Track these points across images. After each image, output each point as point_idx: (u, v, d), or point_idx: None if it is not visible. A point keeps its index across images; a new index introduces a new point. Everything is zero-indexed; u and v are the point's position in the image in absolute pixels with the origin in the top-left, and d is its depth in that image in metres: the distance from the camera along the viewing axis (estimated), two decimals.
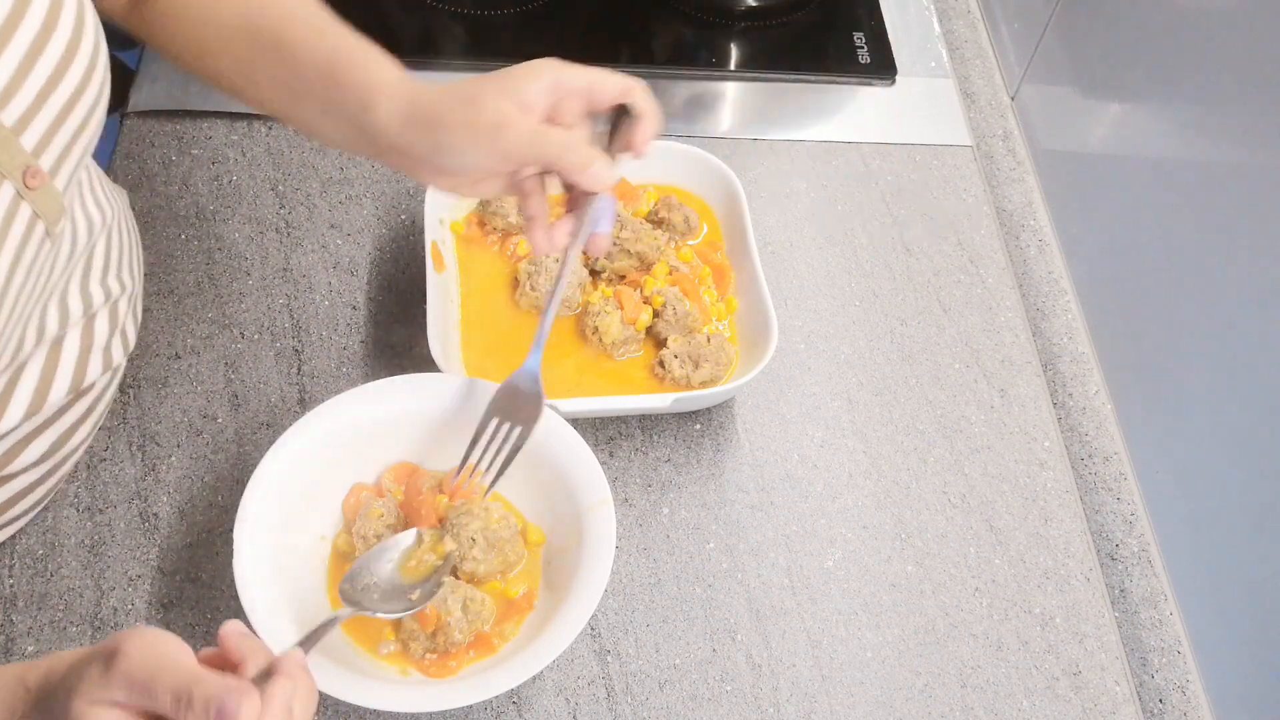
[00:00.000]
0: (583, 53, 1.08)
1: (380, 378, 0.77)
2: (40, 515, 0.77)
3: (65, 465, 0.74)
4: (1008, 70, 1.12)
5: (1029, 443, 0.87)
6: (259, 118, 1.00)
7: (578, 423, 0.77)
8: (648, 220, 0.90)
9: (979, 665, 0.76)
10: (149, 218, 0.93)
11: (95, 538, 0.77)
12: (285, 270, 0.91)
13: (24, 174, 0.56)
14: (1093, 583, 0.81)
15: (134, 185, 0.95)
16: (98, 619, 0.73)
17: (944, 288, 0.95)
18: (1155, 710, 0.77)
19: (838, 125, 1.06)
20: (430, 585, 0.69)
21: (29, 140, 0.56)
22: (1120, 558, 0.83)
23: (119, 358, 0.72)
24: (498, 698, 0.72)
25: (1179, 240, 0.82)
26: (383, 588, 0.68)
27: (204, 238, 0.93)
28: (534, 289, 0.85)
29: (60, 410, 0.68)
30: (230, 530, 0.69)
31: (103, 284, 0.69)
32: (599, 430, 0.84)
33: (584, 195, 0.70)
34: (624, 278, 0.88)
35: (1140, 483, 0.86)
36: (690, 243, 0.91)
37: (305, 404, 0.84)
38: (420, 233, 0.91)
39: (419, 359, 0.87)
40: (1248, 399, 0.73)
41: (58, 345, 0.66)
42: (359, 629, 0.71)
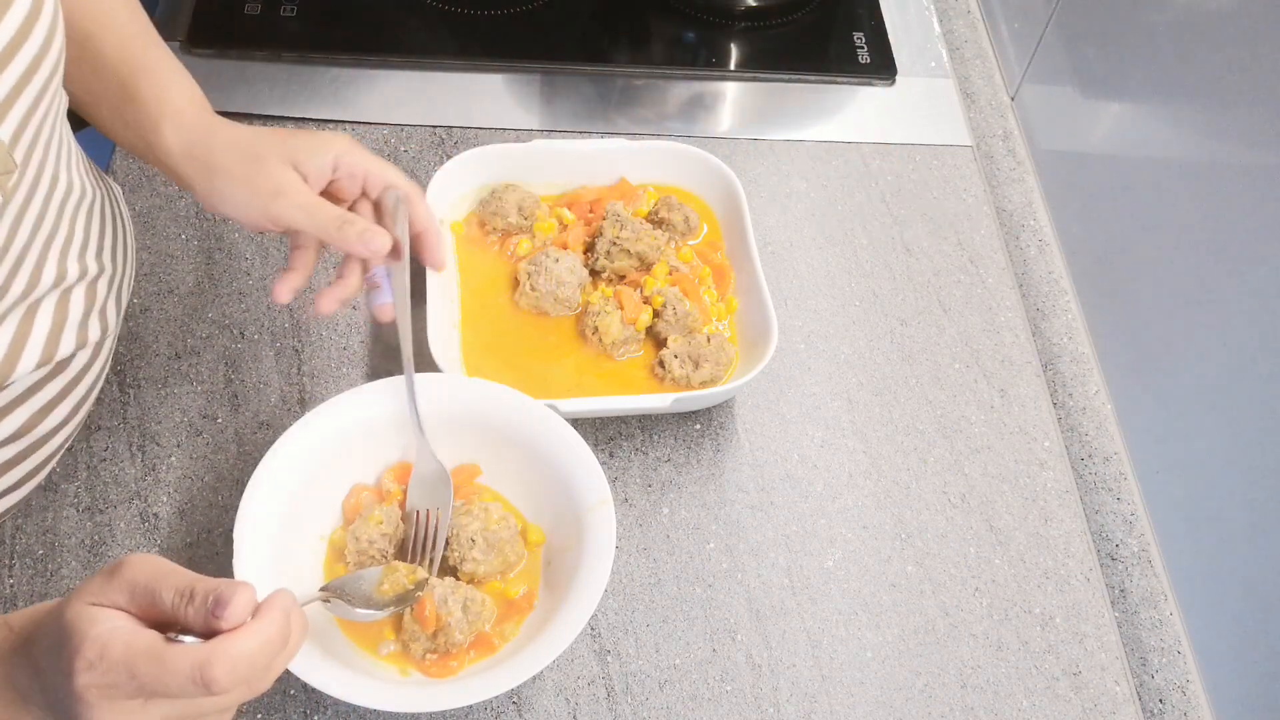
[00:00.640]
0: (583, 53, 1.09)
1: (380, 378, 0.77)
2: (40, 515, 0.77)
3: (43, 449, 0.73)
4: (1008, 70, 1.12)
5: (1029, 443, 0.87)
6: (259, 118, 1.00)
7: (578, 423, 0.78)
8: (648, 220, 0.90)
9: (979, 665, 0.76)
10: (149, 218, 0.93)
11: (95, 538, 0.77)
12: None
13: None
14: (1093, 583, 0.81)
15: (134, 185, 0.95)
16: None
17: (944, 288, 0.95)
18: (1155, 710, 0.77)
19: (838, 125, 1.07)
20: (406, 599, 0.69)
21: None
22: (1120, 558, 0.83)
23: (95, 335, 0.71)
24: (498, 698, 0.72)
25: (1179, 240, 0.82)
26: (356, 603, 0.68)
27: (204, 238, 0.93)
28: (534, 289, 0.85)
29: (32, 388, 0.68)
30: (230, 530, 0.69)
31: (80, 260, 0.69)
32: (599, 430, 0.84)
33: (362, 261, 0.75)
34: (624, 278, 0.88)
35: (1140, 483, 0.86)
36: (690, 243, 0.91)
37: (305, 404, 0.84)
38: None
39: (419, 359, 0.87)
40: (1248, 399, 0.73)
41: (30, 314, 0.66)
42: (359, 630, 0.71)
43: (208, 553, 0.77)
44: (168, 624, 0.49)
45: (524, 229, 0.90)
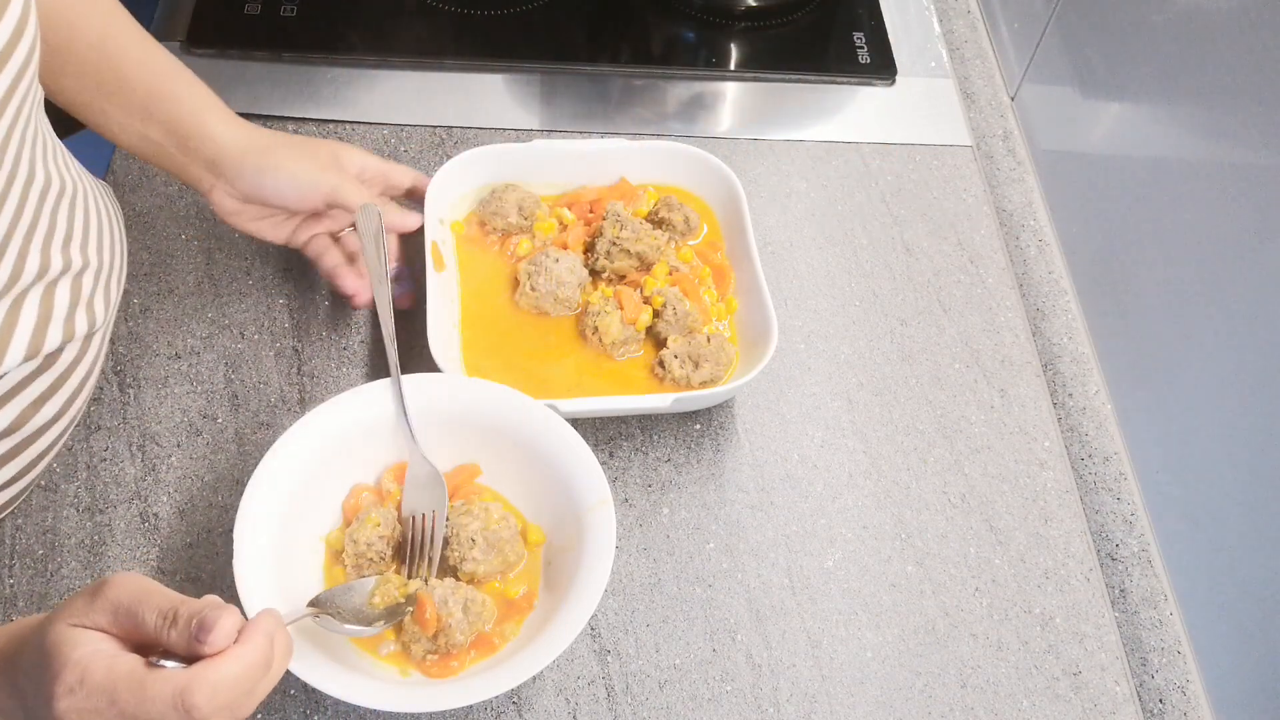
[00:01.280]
0: (583, 53, 1.09)
1: (380, 378, 0.78)
2: (40, 515, 0.77)
3: (36, 444, 0.73)
4: (1008, 70, 1.12)
5: (1029, 443, 0.87)
6: (259, 118, 1.00)
7: (578, 423, 0.78)
8: (648, 220, 0.90)
9: (979, 665, 0.76)
10: (149, 218, 0.93)
11: (95, 538, 0.77)
12: (285, 270, 0.91)
13: None
14: (1093, 583, 0.81)
15: (134, 185, 0.95)
16: None
17: (944, 288, 0.95)
18: (1155, 710, 0.77)
19: (838, 125, 1.07)
20: (396, 612, 0.69)
21: None
22: (1120, 558, 0.83)
23: (82, 329, 0.71)
24: (498, 698, 0.72)
25: (1179, 240, 0.82)
26: (347, 617, 0.68)
27: (204, 238, 0.93)
28: (534, 289, 0.85)
29: (21, 383, 0.68)
30: (230, 530, 0.69)
31: (64, 252, 0.69)
32: (599, 430, 0.84)
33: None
34: (624, 278, 0.88)
35: (1140, 483, 0.86)
36: (690, 243, 0.91)
37: (305, 404, 0.84)
38: (420, 233, 0.91)
39: (419, 359, 0.87)
40: (1248, 399, 0.73)
41: (16, 307, 0.66)
42: None
43: (208, 553, 0.77)
44: (150, 646, 0.49)
45: (524, 229, 0.90)
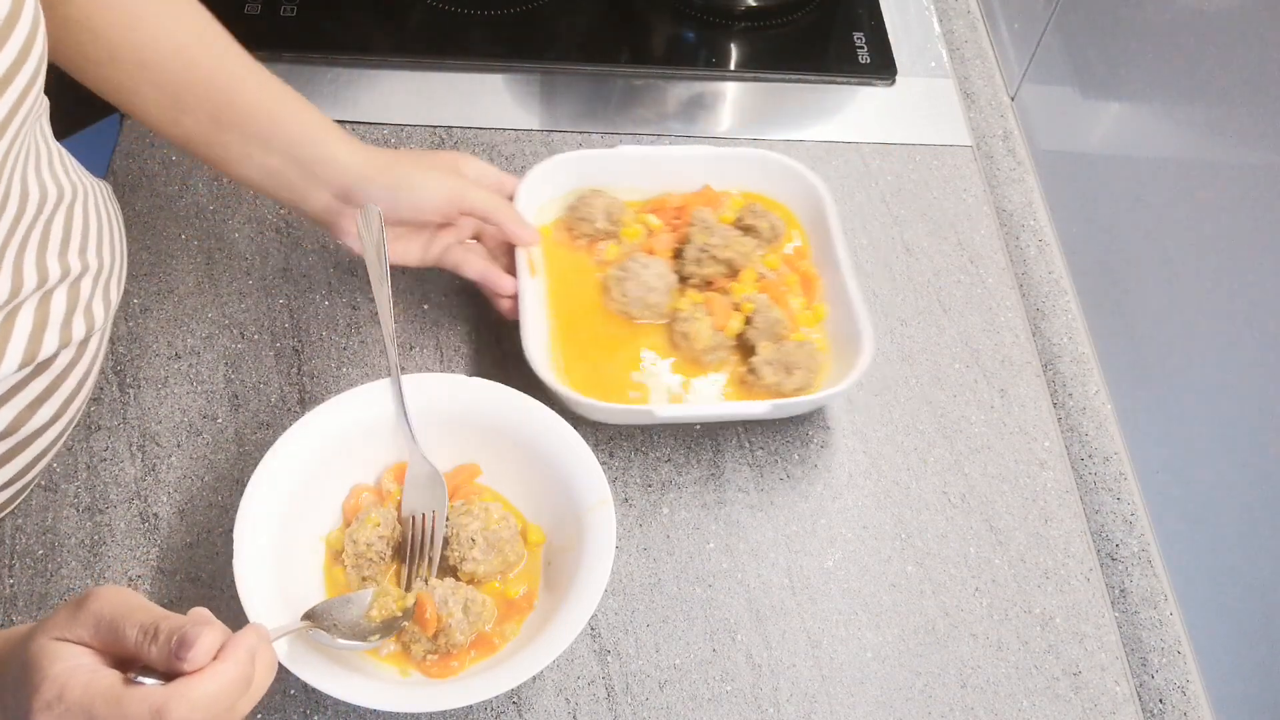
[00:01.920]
0: (583, 53, 1.09)
1: (380, 378, 0.78)
2: (40, 515, 0.77)
3: (33, 446, 0.73)
4: (1008, 70, 1.12)
5: (1029, 443, 0.87)
6: None
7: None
8: (734, 227, 0.90)
9: (979, 665, 0.76)
10: (149, 218, 0.93)
11: (95, 538, 0.77)
12: (285, 270, 0.91)
13: None
14: (1093, 583, 0.81)
15: (134, 185, 0.95)
16: None
17: (944, 288, 0.95)
18: (1155, 710, 0.77)
19: (838, 125, 1.07)
20: (392, 626, 0.69)
21: None
22: (1120, 558, 0.83)
23: (79, 334, 0.71)
24: (498, 698, 0.72)
25: (1179, 240, 0.82)
26: (342, 630, 0.67)
27: (204, 238, 0.93)
28: (623, 295, 0.85)
29: (15, 387, 0.68)
30: (230, 530, 0.69)
31: (61, 259, 0.69)
32: (599, 430, 0.84)
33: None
34: (711, 284, 0.88)
35: (1140, 483, 0.86)
36: (788, 247, 0.91)
37: (305, 404, 0.84)
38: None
39: (419, 359, 0.87)
40: (1248, 399, 0.73)
41: (11, 318, 0.66)
42: None
43: (208, 553, 0.77)
44: (131, 661, 0.48)
45: (611, 234, 0.90)
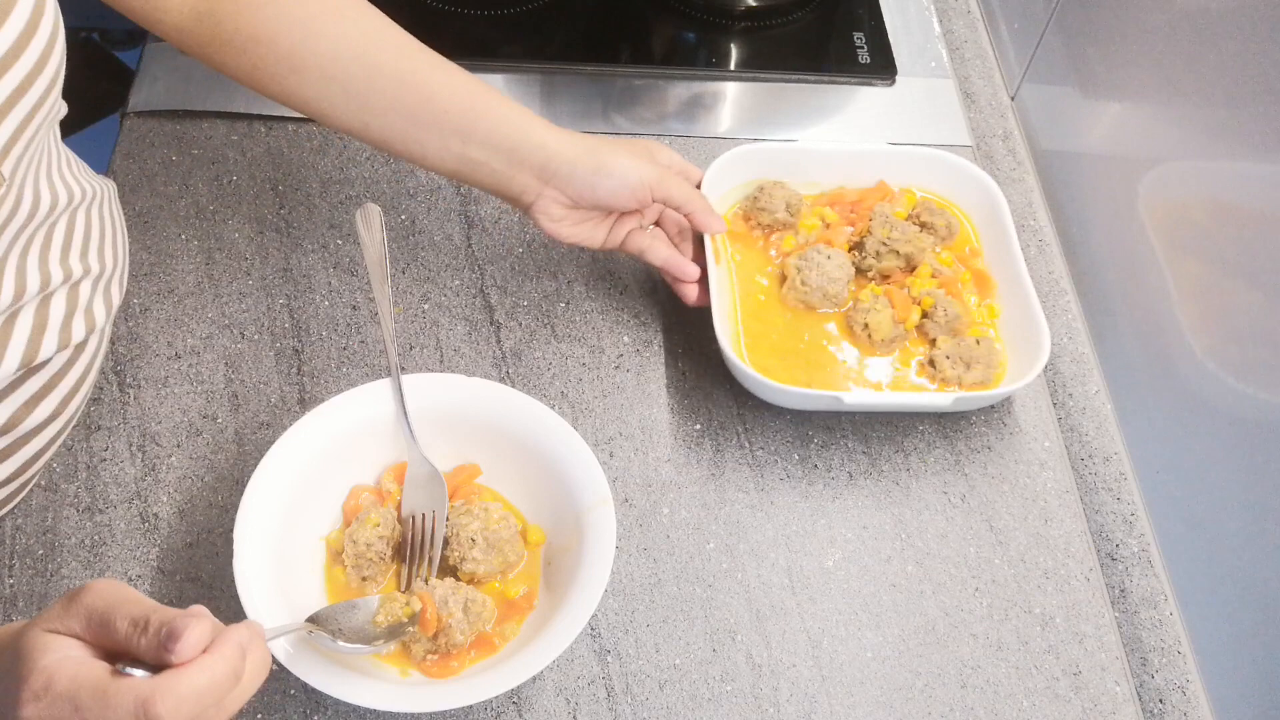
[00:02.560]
0: (583, 53, 1.09)
1: (380, 378, 0.78)
2: (40, 515, 0.77)
3: (31, 444, 0.73)
4: (1008, 70, 1.12)
5: (1029, 443, 0.87)
6: (259, 118, 1.00)
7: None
8: (911, 223, 0.92)
9: (979, 665, 0.76)
10: (149, 218, 0.93)
11: (95, 538, 0.77)
12: (285, 270, 0.91)
13: None
14: (1093, 583, 0.81)
15: (134, 185, 0.95)
16: None
17: None
18: (1155, 710, 0.77)
19: (838, 125, 1.07)
20: (397, 632, 0.68)
21: None
22: (1120, 558, 0.83)
23: (79, 336, 0.71)
24: (498, 698, 0.72)
25: (1179, 240, 0.82)
26: (347, 635, 0.67)
27: (204, 238, 0.93)
28: (804, 284, 0.87)
29: (10, 385, 0.68)
30: (230, 530, 0.69)
31: (63, 264, 0.69)
32: (599, 430, 0.84)
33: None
34: (888, 277, 0.90)
35: (1140, 483, 0.86)
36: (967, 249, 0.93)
37: (305, 404, 0.84)
38: (425, 230, 0.91)
39: (419, 359, 0.87)
40: (1248, 399, 0.73)
41: (10, 321, 0.66)
42: None
43: (208, 553, 0.77)
44: (121, 654, 0.48)
45: (789, 225, 0.92)
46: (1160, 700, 0.77)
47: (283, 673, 0.66)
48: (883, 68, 1.10)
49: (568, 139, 0.80)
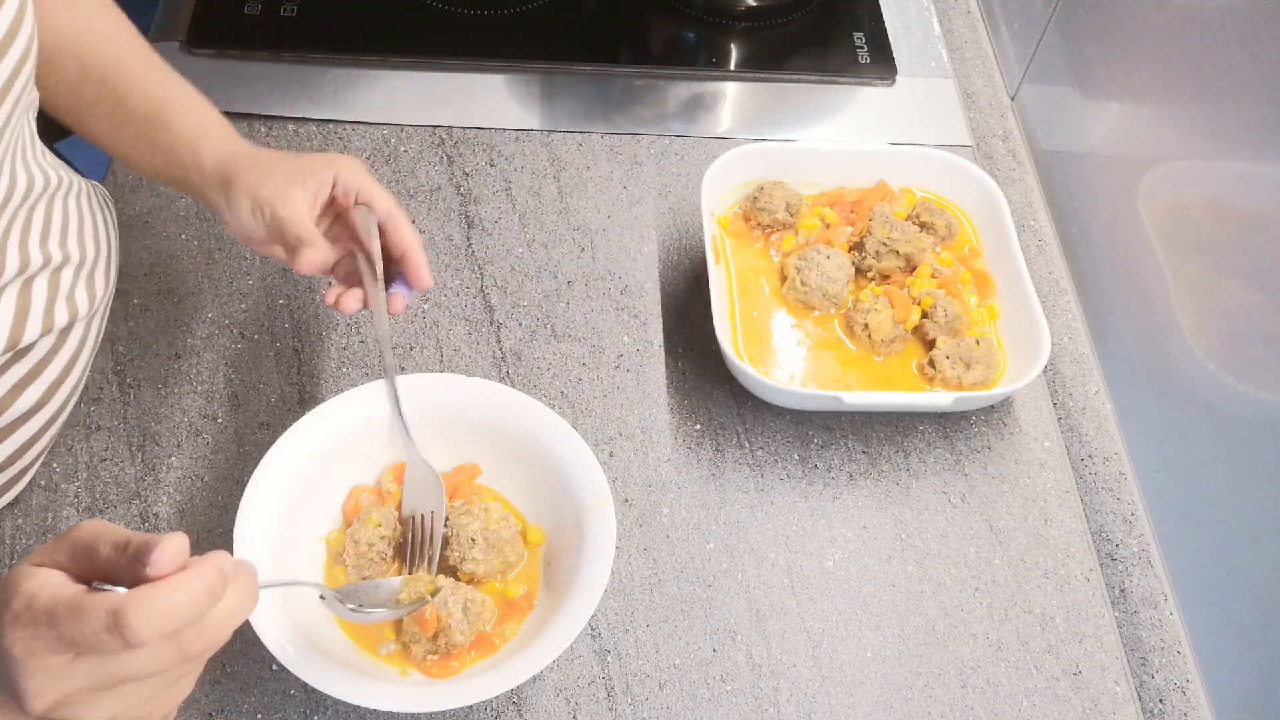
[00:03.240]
0: (583, 53, 1.09)
1: (380, 378, 0.77)
2: (40, 515, 0.77)
3: (19, 432, 0.73)
4: (1008, 70, 1.12)
5: (1029, 443, 0.87)
6: (260, 117, 1.00)
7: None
8: (911, 223, 0.92)
9: (979, 665, 0.76)
10: (149, 218, 0.93)
11: None
12: (285, 270, 0.91)
13: None
14: (1093, 583, 0.81)
15: (134, 185, 0.95)
16: None
17: None
18: (1155, 710, 0.77)
19: (838, 125, 1.07)
20: (419, 603, 0.69)
21: None
22: (1120, 558, 0.83)
23: (62, 321, 0.72)
24: (498, 698, 0.72)
25: (1179, 240, 0.82)
26: (368, 607, 0.67)
27: (204, 238, 0.93)
28: (804, 283, 0.88)
29: None
30: (230, 530, 0.69)
31: (42, 247, 0.70)
32: (599, 430, 0.84)
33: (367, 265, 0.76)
34: (887, 278, 0.90)
35: (1140, 483, 0.86)
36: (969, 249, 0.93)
37: (305, 404, 0.84)
38: (425, 230, 0.91)
39: (419, 359, 0.87)
40: (1248, 399, 0.73)
41: None
42: (359, 630, 0.71)
43: (207, 553, 0.77)
44: (102, 579, 0.48)
45: (789, 225, 0.92)
46: (1160, 700, 0.77)
47: (283, 672, 0.66)
48: (883, 68, 1.10)
49: (225, 165, 0.73)
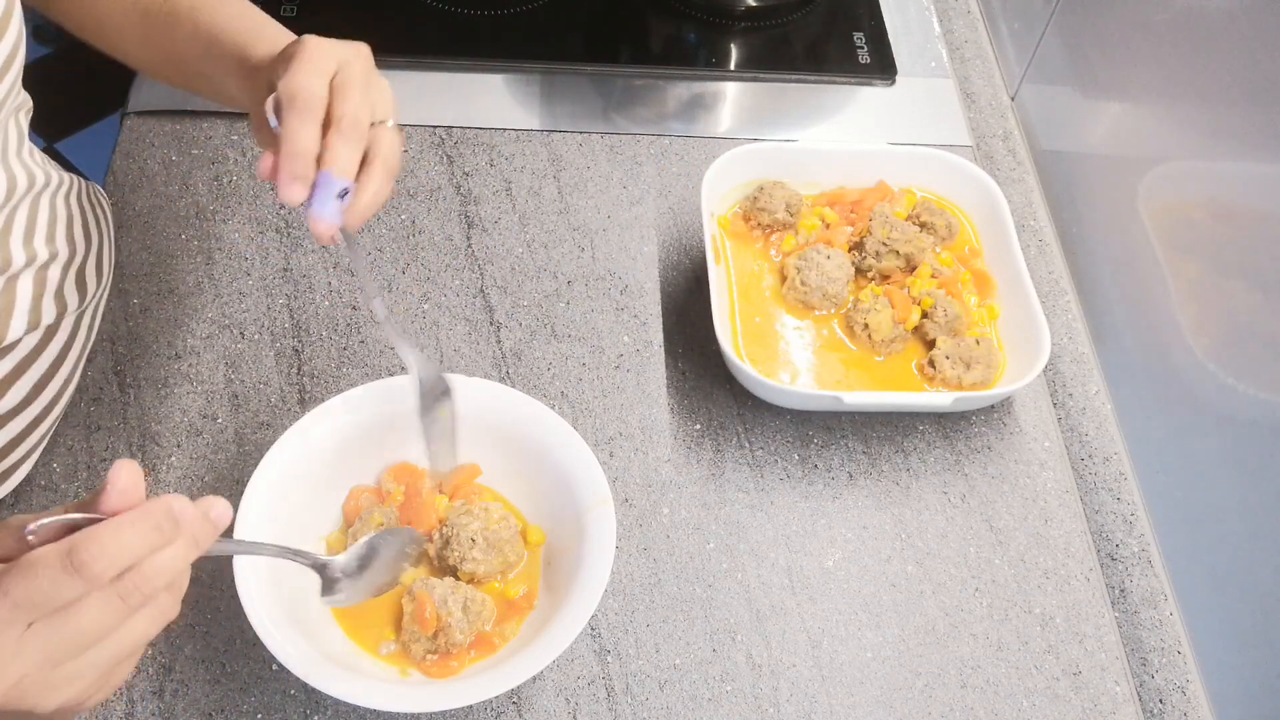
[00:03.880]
0: (583, 53, 1.09)
1: (380, 378, 0.77)
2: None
3: (7, 428, 0.74)
4: (1008, 70, 1.12)
5: (1029, 443, 0.87)
6: None
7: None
8: (911, 223, 0.92)
9: (979, 665, 0.76)
10: (149, 218, 0.93)
11: None
12: (285, 270, 0.91)
13: None
14: (1093, 583, 0.81)
15: (134, 185, 0.95)
16: None
17: None
18: (1155, 710, 0.77)
19: (838, 125, 1.07)
20: (420, 559, 0.71)
21: None
22: (1120, 558, 0.83)
23: (49, 319, 0.72)
24: (498, 698, 0.72)
25: (1179, 240, 0.82)
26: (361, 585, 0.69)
27: (204, 238, 0.93)
28: (804, 284, 0.87)
29: None
30: (230, 530, 0.69)
31: (26, 246, 0.70)
32: (599, 430, 0.84)
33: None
34: (887, 278, 0.90)
35: (1140, 483, 0.86)
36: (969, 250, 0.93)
37: (305, 404, 0.84)
38: (425, 230, 0.91)
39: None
40: (1248, 399, 0.73)
41: None
42: (359, 630, 0.71)
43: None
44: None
45: (789, 225, 0.92)
46: (1160, 700, 0.77)
47: (283, 672, 0.66)
48: (883, 68, 1.10)
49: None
